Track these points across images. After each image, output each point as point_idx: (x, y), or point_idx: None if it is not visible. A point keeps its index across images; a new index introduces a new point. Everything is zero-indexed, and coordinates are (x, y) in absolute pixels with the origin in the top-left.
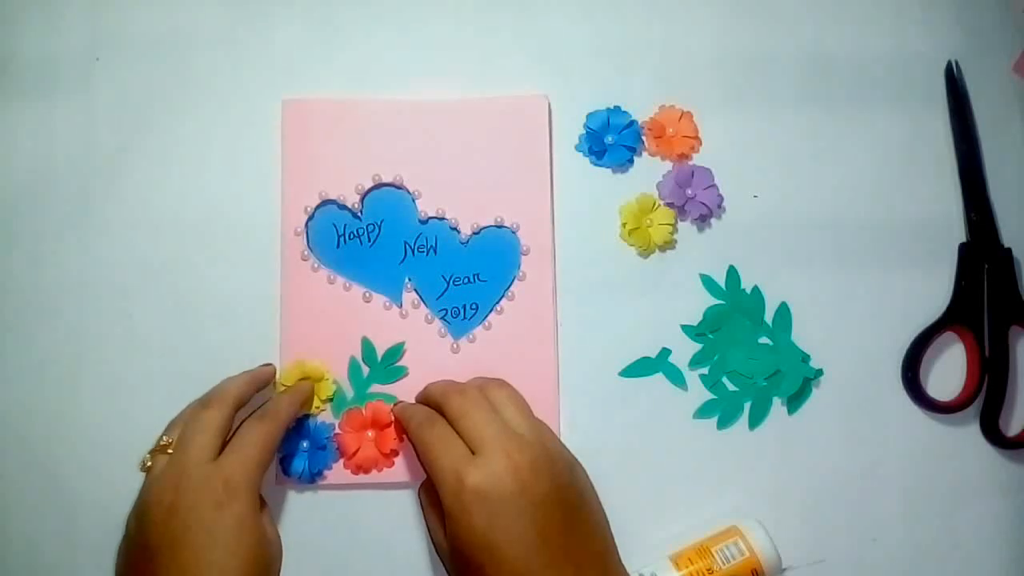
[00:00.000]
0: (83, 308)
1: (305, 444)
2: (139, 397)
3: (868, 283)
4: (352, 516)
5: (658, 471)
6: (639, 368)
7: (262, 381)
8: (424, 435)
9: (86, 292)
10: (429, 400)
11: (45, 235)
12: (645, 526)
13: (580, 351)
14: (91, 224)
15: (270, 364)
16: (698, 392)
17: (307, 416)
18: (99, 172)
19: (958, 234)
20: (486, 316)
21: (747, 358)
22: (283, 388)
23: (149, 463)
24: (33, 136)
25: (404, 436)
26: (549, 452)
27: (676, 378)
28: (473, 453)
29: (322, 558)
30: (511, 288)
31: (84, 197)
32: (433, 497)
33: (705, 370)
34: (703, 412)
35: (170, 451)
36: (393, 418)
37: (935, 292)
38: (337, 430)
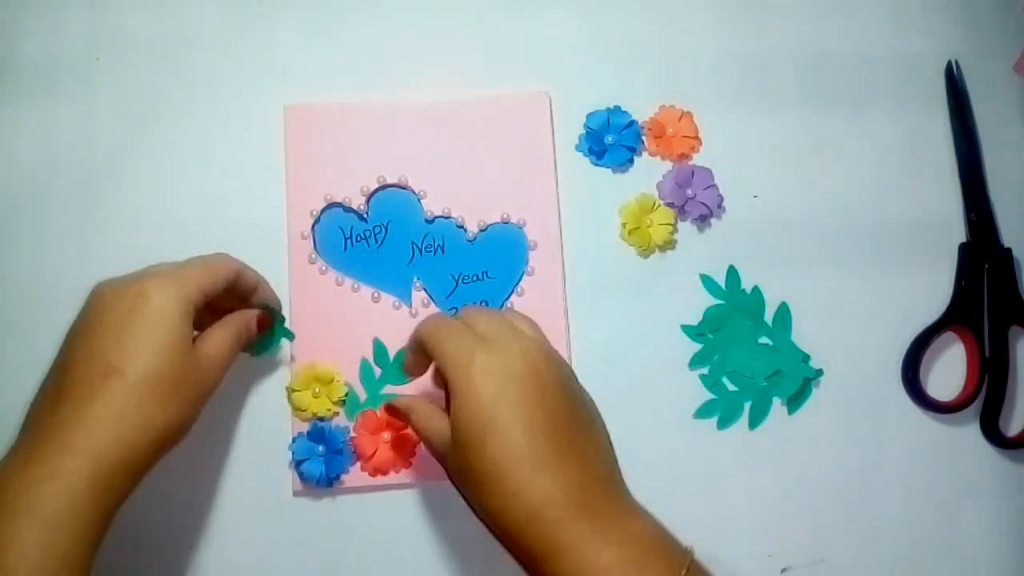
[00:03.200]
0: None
1: (321, 449)
2: None
3: (868, 283)
4: (364, 517)
5: (658, 471)
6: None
7: (266, 292)
8: (433, 327)
9: (86, 292)
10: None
11: (45, 235)
12: None
13: (581, 351)
14: (91, 224)
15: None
16: (698, 392)
17: (321, 419)
18: (100, 172)
19: (958, 234)
20: None
21: (747, 358)
22: (295, 391)
23: None
24: (34, 136)
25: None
26: (557, 355)
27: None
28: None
29: (331, 559)
30: (520, 284)
31: (84, 197)
32: (428, 406)
33: (705, 370)
34: (703, 412)
35: None
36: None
37: (935, 292)
38: (352, 433)
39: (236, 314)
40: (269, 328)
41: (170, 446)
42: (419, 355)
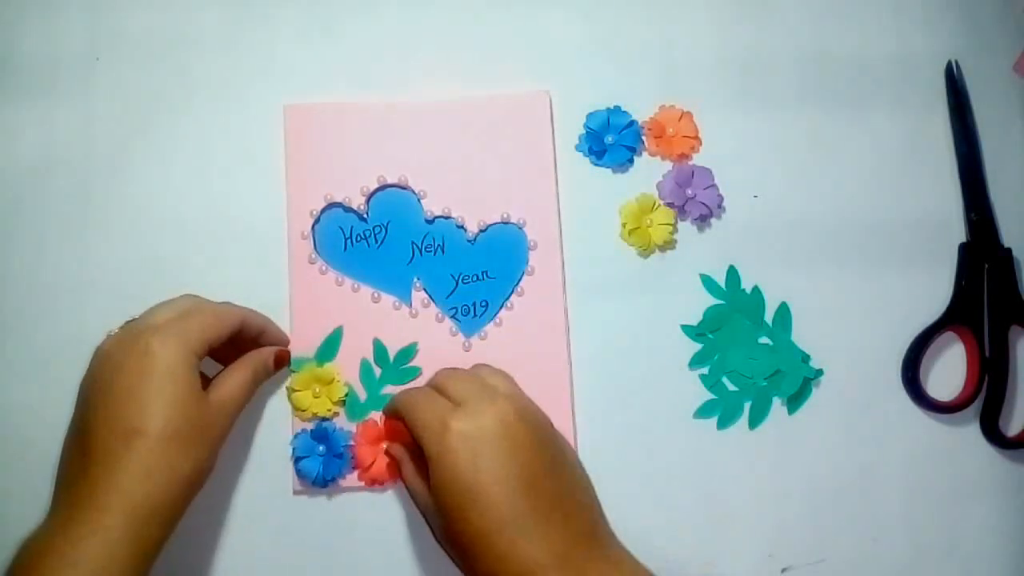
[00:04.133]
0: (83, 308)
1: (321, 448)
2: None
3: (868, 283)
4: (365, 516)
5: (658, 471)
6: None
7: (272, 333)
8: (406, 398)
9: (86, 292)
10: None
11: (45, 235)
12: (644, 526)
13: (581, 351)
14: (91, 224)
15: (287, 343)
16: (698, 392)
17: (324, 419)
18: (99, 172)
19: (958, 234)
20: (496, 313)
21: (747, 358)
22: (296, 391)
23: (113, 331)
24: (33, 136)
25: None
26: (532, 409)
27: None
28: (456, 407)
29: (331, 558)
30: (520, 284)
31: (84, 197)
32: (417, 461)
33: (705, 370)
34: (703, 412)
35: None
36: (409, 434)
37: (935, 292)
38: (353, 441)
39: (253, 353)
40: (287, 364)
41: (198, 489)
42: (393, 417)
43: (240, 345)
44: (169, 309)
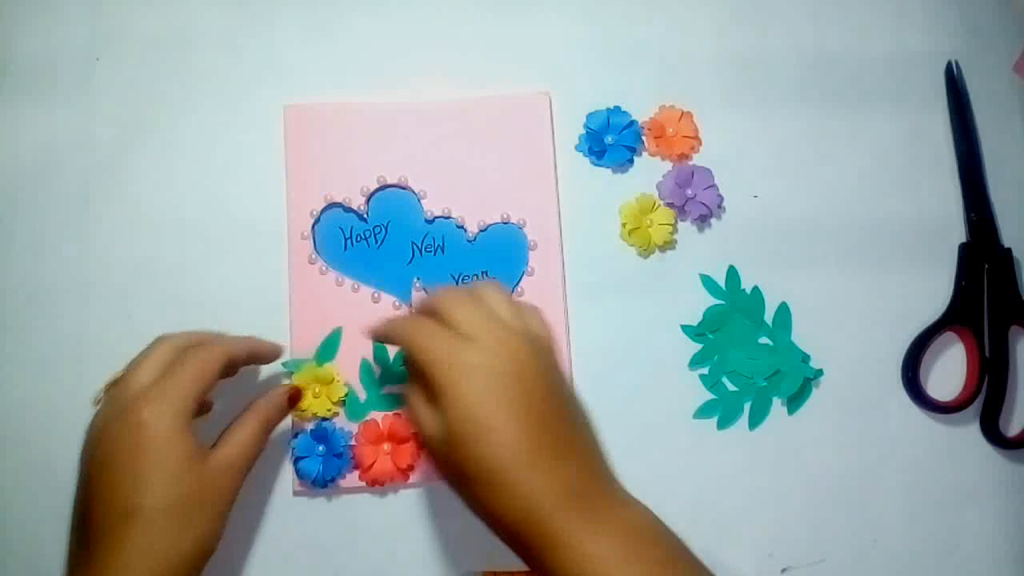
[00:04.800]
0: (83, 308)
1: (321, 448)
2: None
3: (868, 283)
4: (365, 517)
5: (658, 471)
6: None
7: (260, 352)
8: (409, 328)
9: (86, 292)
10: (418, 308)
11: (45, 235)
12: None
13: (581, 351)
14: (91, 224)
15: (279, 345)
16: (698, 392)
17: (324, 419)
18: (99, 172)
19: (958, 234)
20: None
21: (747, 358)
22: (287, 385)
23: (100, 396)
24: (33, 136)
25: (421, 449)
26: (540, 343)
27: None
28: (465, 340)
29: (331, 558)
30: (520, 284)
31: (84, 197)
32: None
33: (705, 370)
34: (703, 412)
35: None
36: (409, 435)
37: (935, 292)
38: (354, 441)
39: (261, 400)
40: (301, 400)
41: (207, 558)
42: (388, 341)
43: (233, 371)
44: (151, 366)
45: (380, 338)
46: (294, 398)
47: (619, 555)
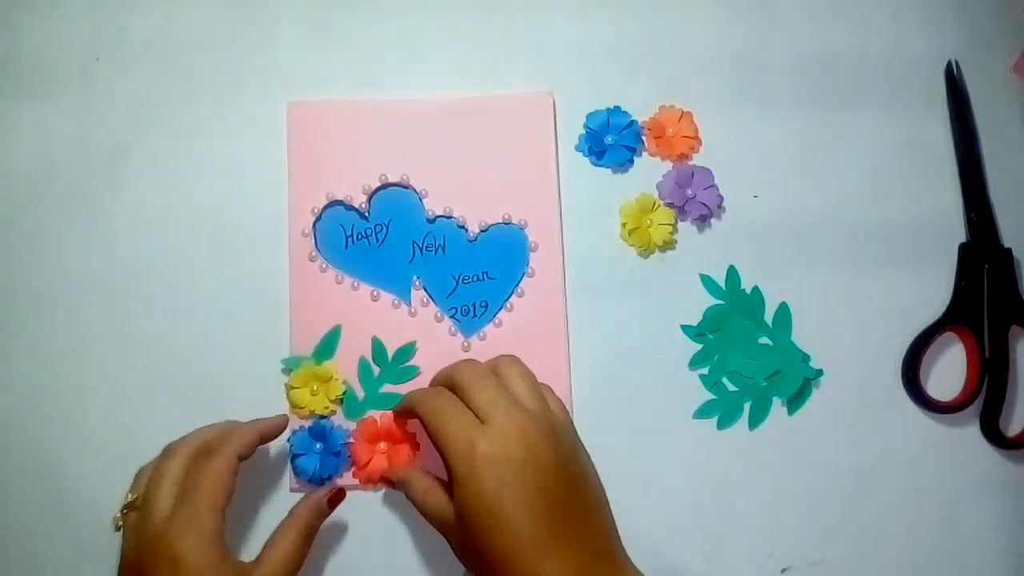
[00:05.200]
0: (83, 308)
1: (319, 446)
2: (141, 398)
3: (868, 283)
4: (362, 514)
5: (658, 471)
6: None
7: (268, 432)
8: (431, 404)
9: (86, 292)
10: (436, 381)
11: (45, 235)
12: (645, 525)
13: (581, 351)
14: (91, 224)
15: (284, 416)
16: (698, 392)
17: (322, 417)
18: (99, 172)
19: (958, 234)
20: (496, 313)
21: (747, 358)
22: (293, 388)
23: (120, 522)
24: (33, 136)
25: (416, 449)
26: (555, 425)
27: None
28: (482, 423)
29: (328, 556)
30: (520, 285)
31: (84, 197)
32: (426, 478)
33: (705, 370)
34: (703, 412)
35: (137, 507)
36: (405, 435)
37: (935, 292)
38: (351, 439)
39: (301, 506)
40: (343, 499)
41: None
42: (409, 415)
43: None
44: (168, 489)
45: (403, 412)
46: (335, 500)
47: None
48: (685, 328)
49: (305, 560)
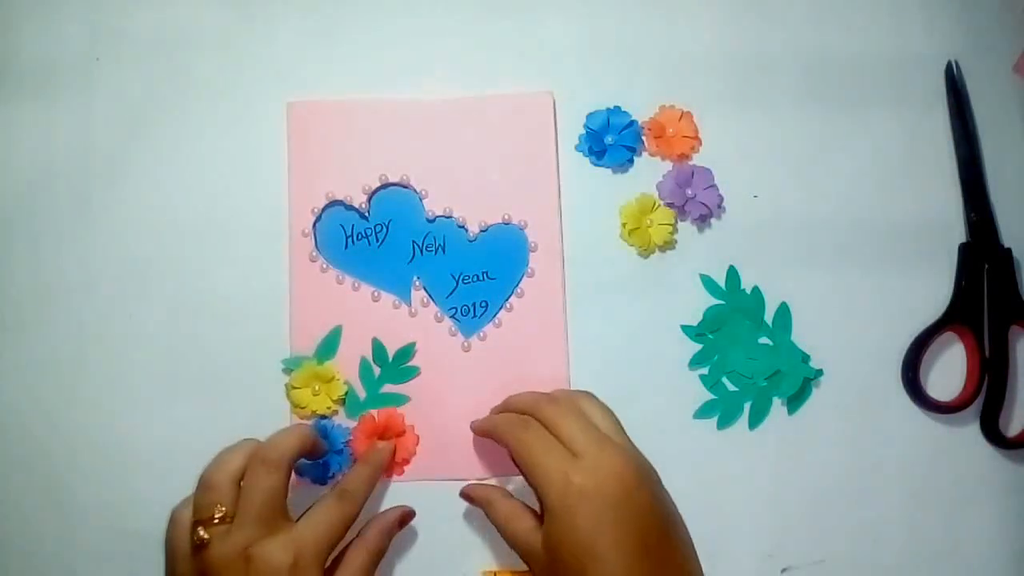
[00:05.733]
0: (83, 308)
1: None
2: (141, 398)
3: (868, 283)
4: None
5: (658, 471)
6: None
7: (315, 446)
8: (522, 436)
9: (86, 292)
10: (515, 409)
11: (45, 235)
12: None
13: (581, 351)
14: (91, 224)
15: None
16: (698, 392)
17: (323, 417)
18: (99, 172)
19: (958, 234)
20: (496, 313)
21: (747, 358)
22: (295, 388)
23: (206, 537)
24: (33, 136)
25: (416, 442)
26: (646, 465)
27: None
28: (574, 457)
29: None
30: (520, 285)
31: (84, 197)
32: (508, 502)
33: (705, 370)
34: (703, 412)
35: (228, 521)
36: (405, 428)
37: (935, 292)
38: (351, 436)
39: (372, 527)
40: (412, 519)
41: None
42: (491, 437)
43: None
44: (284, 545)
45: (485, 434)
46: (404, 521)
47: None
48: (685, 328)
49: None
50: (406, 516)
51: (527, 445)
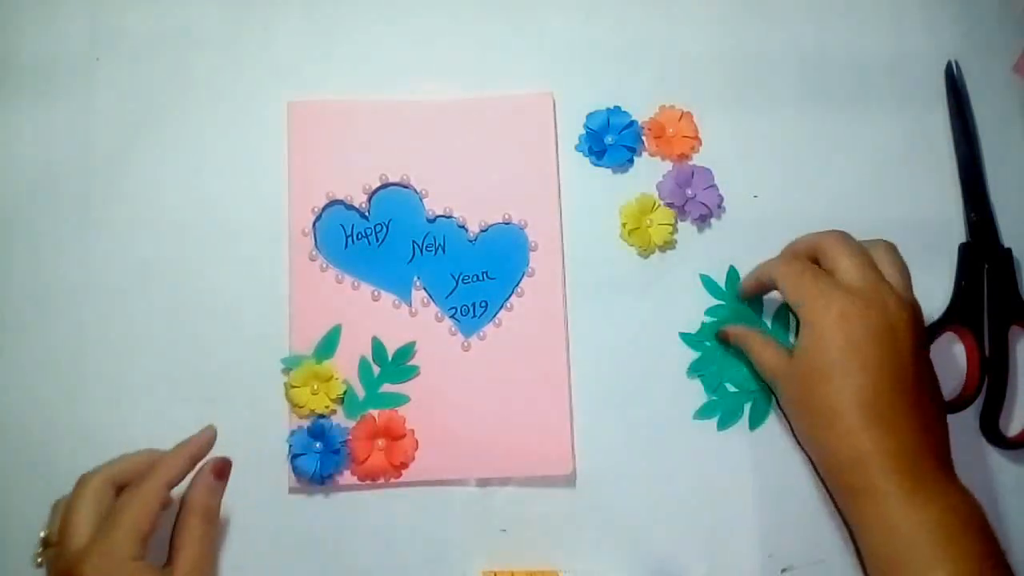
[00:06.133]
0: (83, 308)
1: (318, 445)
2: (141, 398)
3: None
4: (361, 515)
5: (658, 471)
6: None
7: (198, 452)
8: (785, 269)
9: (86, 292)
10: (800, 248)
11: (45, 235)
12: (645, 526)
13: (580, 351)
14: (91, 224)
15: (210, 428)
16: (698, 393)
17: (321, 416)
18: (99, 172)
19: (958, 234)
20: (496, 313)
21: (747, 359)
22: (293, 387)
23: (39, 559)
24: (33, 136)
25: (415, 446)
26: (920, 319)
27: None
28: (847, 290)
29: (327, 556)
30: (520, 285)
31: (84, 197)
32: (766, 335)
33: (705, 371)
34: (703, 413)
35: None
36: (405, 431)
37: (935, 292)
38: (349, 436)
39: (191, 491)
40: (230, 469)
41: None
42: (760, 286)
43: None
44: (85, 520)
45: (751, 286)
46: (221, 470)
47: (932, 531)
48: (684, 336)
49: (216, 542)
50: (219, 467)
51: (794, 275)
